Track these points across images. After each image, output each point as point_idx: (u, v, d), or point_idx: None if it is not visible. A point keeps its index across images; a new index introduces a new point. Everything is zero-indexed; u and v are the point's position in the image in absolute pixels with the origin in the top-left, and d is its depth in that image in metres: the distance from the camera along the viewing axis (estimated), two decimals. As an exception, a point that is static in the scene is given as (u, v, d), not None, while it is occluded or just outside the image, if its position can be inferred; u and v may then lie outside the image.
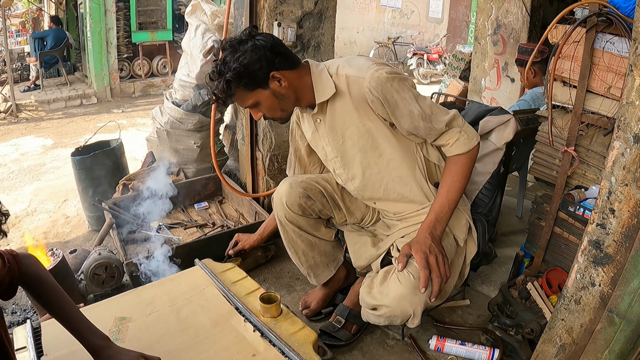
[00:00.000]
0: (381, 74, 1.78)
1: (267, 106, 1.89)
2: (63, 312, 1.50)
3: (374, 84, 1.78)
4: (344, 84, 1.89)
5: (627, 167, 1.44)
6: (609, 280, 1.55)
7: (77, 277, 2.69)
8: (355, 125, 1.94)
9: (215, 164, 3.29)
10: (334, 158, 2.06)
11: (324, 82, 1.90)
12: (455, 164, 1.91)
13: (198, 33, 3.77)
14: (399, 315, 1.82)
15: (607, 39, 2.04)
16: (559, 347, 1.75)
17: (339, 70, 1.90)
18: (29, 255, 1.50)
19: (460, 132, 1.88)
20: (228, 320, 1.84)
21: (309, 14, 3.15)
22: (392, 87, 1.79)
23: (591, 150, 2.22)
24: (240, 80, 1.78)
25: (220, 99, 1.86)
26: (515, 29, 4.84)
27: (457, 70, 7.59)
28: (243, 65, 1.76)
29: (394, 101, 1.80)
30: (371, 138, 1.95)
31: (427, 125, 1.84)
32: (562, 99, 2.28)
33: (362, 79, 1.81)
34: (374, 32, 14.65)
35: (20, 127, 7.67)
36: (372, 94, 1.80)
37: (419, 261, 1.77)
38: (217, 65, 1.83)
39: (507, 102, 4.80)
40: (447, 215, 1.89)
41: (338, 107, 1.94)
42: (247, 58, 1.76)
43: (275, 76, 1.81)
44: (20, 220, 4.22)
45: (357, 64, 1.88)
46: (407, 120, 1.83)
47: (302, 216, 2.18)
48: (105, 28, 9.28)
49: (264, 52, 1.78)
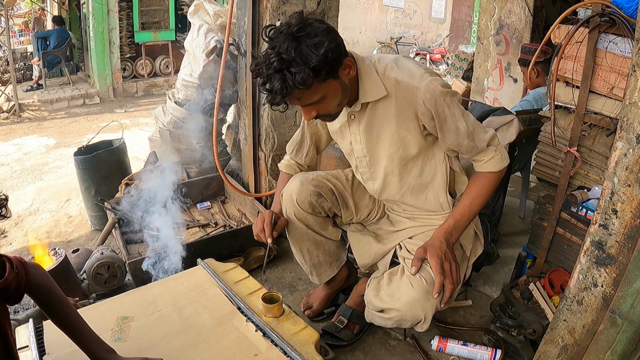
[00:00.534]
0: (436, 86, 1.71)
1: (331, 100, 1.70)
2: (69, 323, 1.51)
3: (429, 96, 1.71)
4: (392, 87, 1.78)
5: (629, 168, 1.43)
6: (611, 281, 1.54)
7: (79, 276, 2.70)
8: (391, 131, 1.87)
9: (218, 163, 3.29)
10: (362, 157, 2.01)
11: (372, 81, 1.78)
12: (484, 179, 1.89)
13: (201, 33, 3.77)
14: (409, 319, 1.82)
15: (610, 39, 2.03)
16: (561, 347, 1.75)
17: (387, 72, 1.79)
18: (38, 265, 1.50)
19: (496, 151, 1.86)
20: (230, 320, 1.84)
21: (312, 14, 3.15)
22: (445, 102, 1.73)
23: (594, 151, 2.22)
24: (323, 69, 1.57)
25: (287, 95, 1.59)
26: (517, 29, 4.83)
27: (460, 70, 7.59)
28: (329, 49, 1.56)
29: (444, 116, 1.75)
30: (403, 148, 1.90)
31: (470, 144, 1.81)
32: (565, 100, 2.28)
33: (416, 89, 1.73)
34: (376, 32, 14.64)
35: (23, 127, 7.69)
36: (424, 106, 1.73)
37: (434, 266, 1.76)
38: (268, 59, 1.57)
39: (509, 103, 4.80)
40: (465, 225, 1.88)
41: (380, 109, 1.84)
42: (325, 44, 1.55)
43: (347, 63, 1.68)
44: (22, 219, 4.23)
45: (407, 68, 1.79)
46: (452, 136, 1.80)
47: (312, 214, 2.15)
48: (108, 28, 9.30)
49: (332, 37, 1.60)
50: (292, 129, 3.33)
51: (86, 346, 1.50)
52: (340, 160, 2.86)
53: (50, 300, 1.48)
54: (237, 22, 3.40)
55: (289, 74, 1.54)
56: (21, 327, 1.79)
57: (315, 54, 1.53)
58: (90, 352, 1.49)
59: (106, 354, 1.51)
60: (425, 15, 14.62)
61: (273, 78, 1.56)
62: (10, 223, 4.13)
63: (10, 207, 1.55)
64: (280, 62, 1.53)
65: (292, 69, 1.53)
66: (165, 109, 3.96)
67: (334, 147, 2.84)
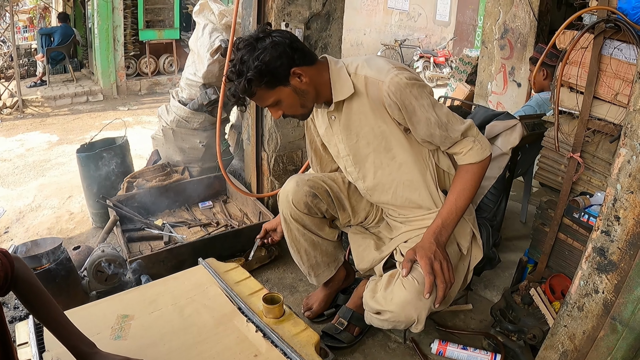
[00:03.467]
0: (401, 79, 1.76)
1: (288, 104, 1.85)
2: (50, 317, 1.50)
3: (393, 88, 1.76)
4: (362, 84, 1.86)
5: (633, 175, 1.43)
6: (612, 288, 1.54)
7: (80, 273, 2.70)
8: (370, 125, 1.92)
9: (220, 163, 3.29)
10: (346, 156, 2.05)
11: (343, 81, 1.88)
12: (467, 172, 1.89)
13: (205, 32, 3.77)
14: (403, 320, 1.82)
15: (615, 45, 2.03)
16: (561, 353, 1.75)
17: (358, 70, 1.88)
18: (18, 257, 1.49)
19: (474, 141, 1.87)
20: (231, 320, 1.84)
21: (317, 15, 3.15)
22: (411, 93, 1.77)
23: (597, 157, 2.22)
24: (262, 79, 1.74)
25: (240, 99, 1.85)
26: (522, 33, 4.82)
27: (464, 74, 7.58)
28: (264, 62, 1.72)
29: (411, 107, 1.78)
30: (385, 140, 1.94)
31: (443, 134, 1.83)
32: (569, 105, 2.28)
33: (381, 82, 1.79)
34: (381, 34, 14.64)
35: (26, 123, 7.70)
36: (390, 99, 1.78)
37: (423, 267, 1.77)
38: (234, 65, 1.78)
39: (513, 107, 4.79)
40: (454, 222, 1.88)
41: (355, 107, 1.92)
42: (267, 55, 1.72)
43: (296, 72, 1.78)
44: (24, 215, 4.23)
45: (376, 65, 1.86)
46: (423, 127, 1.82)
47: (308, 215, 2.18)
48: (113, 25, 9.30)
49: (284, 49, 1.75)
50: (295, 129, 3.34)
51: (67, 340, 1.49)
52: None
53: (32, 294, 1.47)
54: (242, 22, 3.40)
55: (236, 83, 1.78)
56: (21, 323, 1.80)
57: (252, 68, 1.72)
58: (71, 347, 1.49)
59: (87, 348, 1.50)
60: (429, 18, 14.64)
61: (228, 85, 1.89)
62: (12, 219, 4.13)
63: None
64: (231, 73, 1.80)
65: (236, 79, 1.78)
66: (169, 108, 3.96)
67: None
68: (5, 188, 4.90)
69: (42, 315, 1.50)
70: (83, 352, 1.49)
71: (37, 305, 1.48)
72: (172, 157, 3.98)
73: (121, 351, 1.57)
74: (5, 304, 2.59)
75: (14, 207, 4.33)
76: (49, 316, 1.50)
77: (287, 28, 3.01)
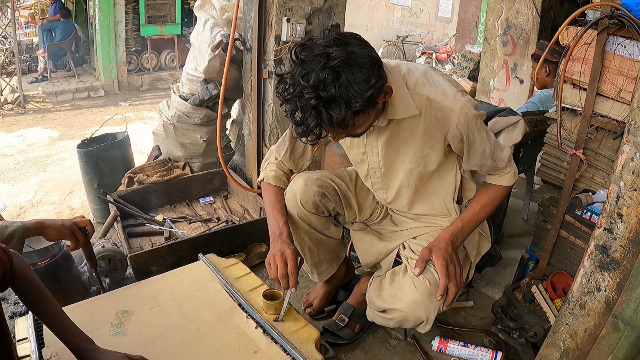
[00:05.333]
0: (469, 109, 1.68)
1: (364, 124, 1.59)
2: (48, 313, 1.49)
3: (463, 120, 1.68)
4: (422, 105, 1.69)
5: (636, 172, 1.42)
6: (614, 286, 1.53)
7: (80, 269, 2.69)
8: (414, 148, 1.82)
9: (221, 158, 3.29)
10: (377, 168, 1.96)
11: (402, 98, 1.67)
12: (496, 191, 1.92)
13: (207, 27, 3.76)
14: (411, 320, 1.81)
15: (618, 41, 2.02)
16: (563, 351, 1.74)
17: (418, 87, 1.69)
18: (17, 253, 1.49)
19: (510, 167, 1.89)
20: (230, 316, 1.84)
21: (319, 10, 3.14)
22: (476, 126, 1.73)
23: (600, 154, 2.20)
24: (365, 111, 1.45)
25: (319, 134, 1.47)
26: (525, 30, 4.81)
27: (466, 70, 7.57)
28: (374, 90, 1.42)
29: (473, 139, 1.75)
30: (424, 165, 1.87)
31: (493, 165, 1.83)
32: (572, 102, 2.27)
33: (450, 112, 1.68)
34: (382, 31, 14.60)
35: (27, 118, 7.70)
36: (457, 130, 1.71)
37: (440, 268, 1.75)
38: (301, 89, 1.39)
39: (515, 103, 4.78)
40: (471, 230, 1.90)
41: (405, 126, 1.76)
42: (372, 82, 1.41)
43: (386, 90, 1.53)
44: (25, 211, 4.23)
45: (440, 86, 1.70)
46: (478, 158, 1.80)
47: (315, 214, 2.12)
48: (114, 21, 9.31)
49: (381, 68, 1.48)
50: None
51: (65, 337, 1.48)
52: (344, 157, 2.85)
53: (30, 290, 1.47)
54: (243, 17, 3.40)
55: (325, 113, 1.39)
56: (20, 319, 1.79)
57: (360, 97, 1.39)
58: (69, 344, 1.48)
59: (85, 344, 1.49)
60: (432, 14, 14.58)
61: (306, 113, 1.41)
62: (12, 214, 4.13)
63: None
64: (317, 99, 1.37)
65: (330, 110, 1.38)
66: (170, 103, 3.96)
67: (338, 145, 2.83)
68: (6, 184, 4.90)
69: (40, 311, 1.49)
70: (81, 348, 1.48)
71: (35, 302, 1.48)
72: (173, 153, 3.97)
73: (120, 347, 1.57)
74: (5, 300, 2.59)
75: (14, 203, 4.33)
76: (47, 312, 1.49)
77: (288, 23, 3.00)
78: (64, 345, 1.50)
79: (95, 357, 1.47)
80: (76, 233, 1.91)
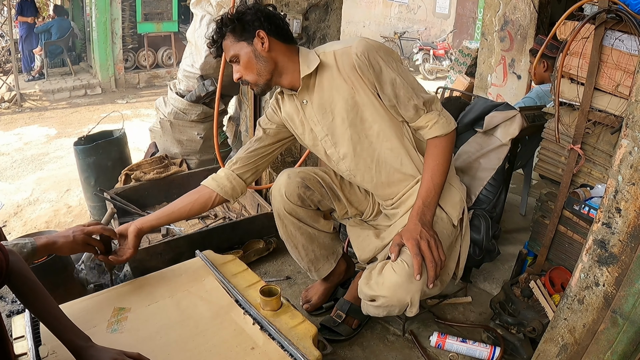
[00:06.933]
0: (368, 41, 1.86)
1: (244, 62, 1.92)
2: (44, 311, 1.48)
3: (361, 48, 1.83)
4: (331, 59, 1.93)
5: (634, 166, 1.42)
6: (613, 281, 1.53)
7: (77, 266, 2.69)
8: (344, 99, 1.94)
9: (219, 155, 3.28)
10: (324, 137, 2.04)
11: (310, 59, 1.94)
12: (436, 147, 1.91)
13: (203, 24, 3.75)
14: (396, 304, 1.80)
15: (616, 36, 2.01)
16: (561, 346, 1.74)
17: (326, 49, 1.97)
18: (13, 251, 1.48)
19: (440, 115, 1.91)
20: (228, 312, 1.83)
21: (315, 6, 3.13)
22: (378, 54, 1.84)
23: (598, 149, 2.20)
24: (232, 24, 1.89)
25: (213, 41, 1.96)
26: (522, 25, 4.80)
27: (464, 66, 7.57)
28: (239, 13, 1.90)
29: (378, 67, 1.84)
30: (359, 111, 1.95)
31: (407, 95, 1.86)
32: (570, 96, 2.26)
33: (349, 47, 1.87)
34: (380, 27, 14.62)
35: (24, 117, 7.69)
36: (358, 58, 1.83)
37: (410, 248, 1.76)
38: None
39: (513, 99, 4.78)
40: (435, 199, 1.90)
41: (325, 83, 1.95)
42: (243, 8, 1.92)
43: (260, 35, 1.88)
44: (22, 209, 4.22)
45: (345, 41, 1.96)
46: (389, 87, 1.86)
47: (301, 207, 2.16)
48: (111, 18, 9.29)
49: (260, 14, 1.90)
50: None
51: (62, 334, 1.48)
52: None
53: (27, 287, 1.46)
54: (240, 13, 3.38)
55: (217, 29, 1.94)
56: (17, 317, 1.78)
57: (229, 16, 1.91)
58: (66, 341, 1.47)
59: (82, 342, 1.49)
60: (429, 11, 14.59)
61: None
62: (9, 212, 4.12)
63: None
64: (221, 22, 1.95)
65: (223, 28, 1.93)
66: (167, 100, 3.95)
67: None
68: (4, 182, 4.89)
69: (37, 309, 1.48)
70: (78, 346, 1.47)
71: (32, 299, 1.47)
72: (169, 149, 3.96)
73: (118, 344, 1.56)
74: (2, 298, 2.58)
75: (12, 201, 4.32)
76: (44, 310, 1.48)
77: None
78: (61, 343, 1.49)
79: (92, 354, 1.47)
80: (91, 243, 1.88)
